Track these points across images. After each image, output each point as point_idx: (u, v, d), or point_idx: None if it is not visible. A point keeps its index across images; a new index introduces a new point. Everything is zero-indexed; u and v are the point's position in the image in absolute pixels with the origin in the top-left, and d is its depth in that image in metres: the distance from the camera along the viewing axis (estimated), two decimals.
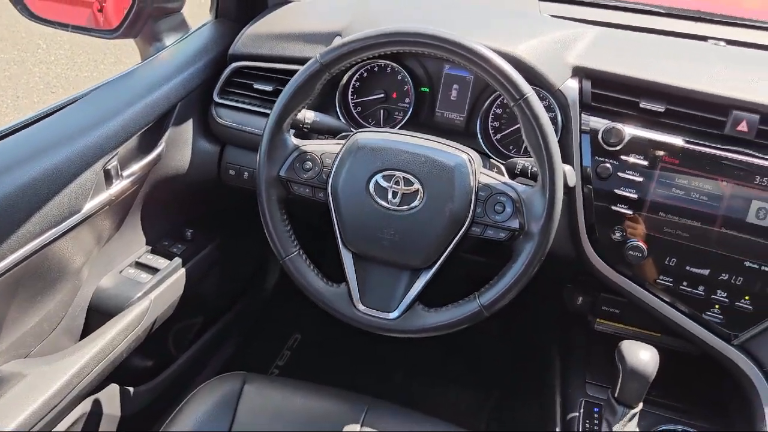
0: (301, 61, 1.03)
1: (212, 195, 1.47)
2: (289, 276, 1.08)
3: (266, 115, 1.04)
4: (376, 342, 1.85)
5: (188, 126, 1.33)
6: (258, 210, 1.07)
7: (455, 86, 1.26)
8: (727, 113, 1.06)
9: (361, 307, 1.04)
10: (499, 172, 1.10)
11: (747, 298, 1.06)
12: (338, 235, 1.04)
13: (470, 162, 0.99)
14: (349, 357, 1.91)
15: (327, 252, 1.08)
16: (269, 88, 1.28)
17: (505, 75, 0.93)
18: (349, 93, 1.31)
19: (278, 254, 1.07)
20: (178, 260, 1.34)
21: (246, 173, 1.36)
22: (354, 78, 1.30)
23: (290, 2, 1.48)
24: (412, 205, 0.99)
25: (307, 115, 1.12)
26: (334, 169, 1.03)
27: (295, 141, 1.06)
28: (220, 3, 1.44)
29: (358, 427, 1.10)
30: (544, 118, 0.93)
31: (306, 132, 1.15)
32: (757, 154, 1.04)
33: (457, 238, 0.99)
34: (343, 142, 1.05)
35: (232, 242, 1.56)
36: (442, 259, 1.01)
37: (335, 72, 1.01)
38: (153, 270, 1.29)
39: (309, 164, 1.05)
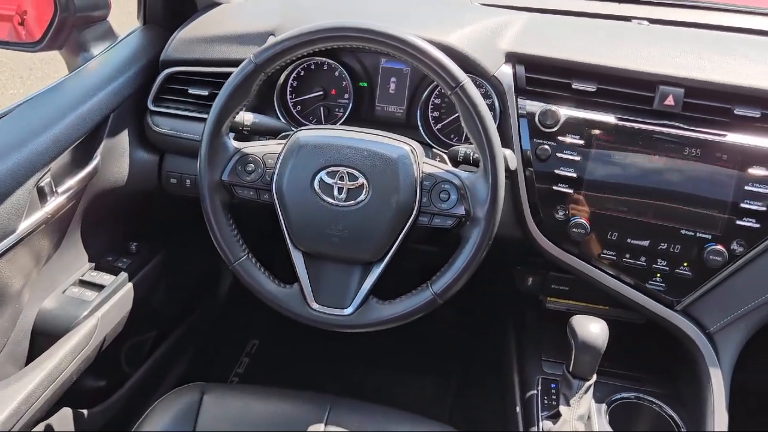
0: (236, 63, 1.02)
1: (155, 205, 1.44)
2: (240, 281, 1.07)
3: (204, 120, 1.02)
4: (334, 340, 1.85)
5: (124, 136, 1.29)
6: (203, 217, 1.05)
7: (393, 79, 1.27)
8: (654, 89, 1.10)
9: (315, 305, 1.04)
10: (442, 161, 1.12)
11: (685, 264, 1.11)
12: (287, 236, 1.04)
13: (412, 153, 1.00)
14: (310, 358, 1.90)
15: (278, 254, 1.07)
16: (205, 93, 1.26)
17: (440, 64, 0.94)
18: (288, 92, 1.30)
19: (227, 260, 1.05)
20: (124, 275, 1.30)
21: (188, 181, 1.33)
22: (291, 77, 1.29)
23: (220, 4, 1.45)
24: (359, 199, 0.99)
25: (246, 117, 1.11)
26: (277, 169, 1.02)
27: (235, 144, 1.05)
28: (148, 8, 1.40)
29: (322, 426, 1.10)
30: (481, 104, 0.95)
31: (246, 134, 1.13)
32: (684, 126, 1.09)
33: (405, 229, 1.00)
34: (284, 142, 1.04)
35: (179, 252, 1.53)
36: (392, 251, 1.01)
37: (271, 72, 1.00)
38: (98, 287, 1.26)
39: (251, 166, 1.04)
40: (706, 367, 1.11)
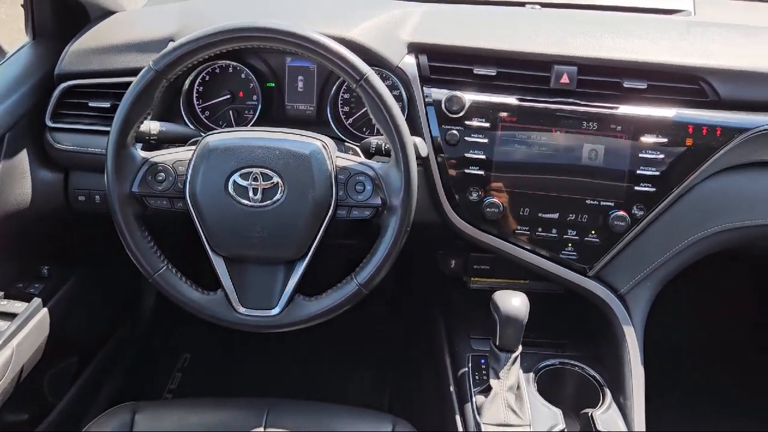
0: (135, 72, 1.00)
1: (64, 225, 1.38)
2: (163, 293, 1.05)
3: (107, 132, 0.99)
4: (268, 342, 1.84)
5: (23, 157, 1.23)
6: (117, 232, 1.02)
7: (300, 77, 1.27)
8: (550, 69, 1.16)
9: (241, 309, 1.03)
10: (355, 154, 1.13)
11: (593, 232, 1.17)
12: (205, 242, 1.03)
13: (325, 148, 1.01)
14: (245, 364, 1.88)
15: (202, 261, 1.05)
16: (106, 105, 1.22)
17: (343, 58, 0.96)
18: (194, 98, 1.27)
19: (146, 272, 1.03)
20: (37, 301, 1.25)
21: (97, 197, 1.28)
22: (196, 82, 1.27)
23: (114, 13, 1.41)
24: (275, 198, 0.99)
25: (152, 126, 1.09)
26: (188, 176, 1.01)
27: (143, 154, 1.03)
28: (36, 22, 1.34)
29: (261, 429, 1.09)
30: (387, 94, 0.97)
31: (154, 143, 1.11)
32: (580, 102, 1.15)
33: (324, 224, 1.01)
34: (194, 148, 1.03)
35: (95, 271, 1.47)
36: (314, 246, 1.02)
37: (173, 77, 0.98)
38: (10, 316, 1.20)
39: (162, 175, 1.02)
40: (620, 327, 1.18)
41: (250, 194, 0.99)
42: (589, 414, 1.09)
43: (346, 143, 1.20)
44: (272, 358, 1.88)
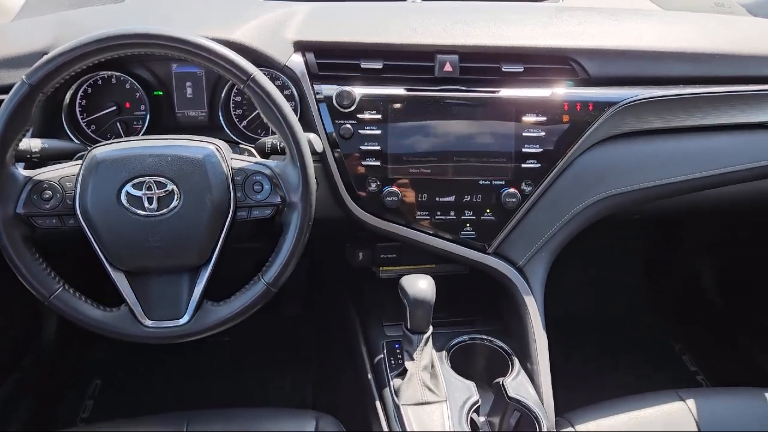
0: (7, 89, 0.95)
1: None
2: (63, 316, 1.01)
3: None
4: (183, 354, 1.80)
5: None
6: (4, 257, 0.98)
7: (188, 83, 1.25)
8: (433, 59, 1.21)
9: (148, 323, 1.01)
10: (251, 155, 1.13)
11: (488, 211, 1.23)
12: (102, 258, 0.99)
13: (218, 151, 1.01)
14: (162, 381, 1.82)
15: (101, 278, 1.02)
16: None
17: (228, 60, 0.96)
18: (77, 112, 1.23)
19: (40, 296, 0.99)
20: None
21: None
22: (78, 95, 1.22)
23: None
24: (172, 206, 0.98)
25: (33, 144, 1.04)
26: (78, 191, 0.97)
27: (25, 173, 0.98)
28: None
29: None
30: (275, 93, 0.98)
31: (37, 161, 1.06)
32: (464, 88, 1.21)
33: (226, 227, 1.01)
34: (81, 162, 0.99)
35: None
36: (217, 251, 1.01)
37: (49, 91, 0.95)
38: None
39: (48, 193, 0.98)
40: (522, 297, 1.25)
41: (145, 204, 0.97)
42: (501, 382, 1.14)
43: (240, 145, 1.20)
44: (190, 371, 1.84)
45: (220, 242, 1.01)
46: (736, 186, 1.35)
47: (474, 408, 1.12)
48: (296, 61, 1.19)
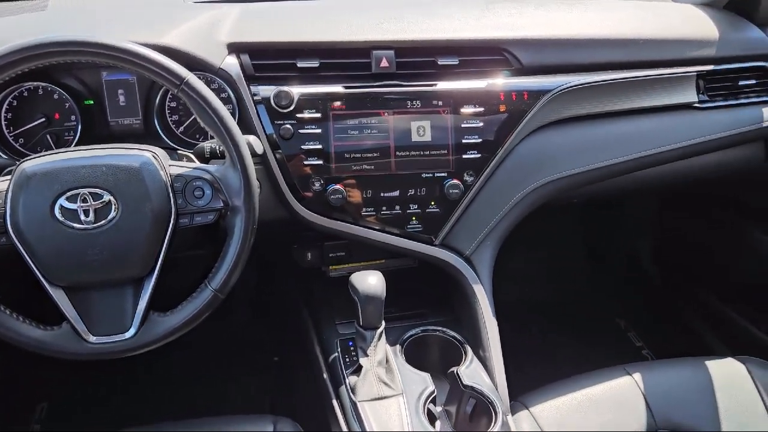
0: None
1: None
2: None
3: None
4: (135, 369, 1.75)
5: None
6: None
7: (120, 91, 1.22)
8: (369, 55, 1.21)
9: (92, 339, 0.98)
10: (190, 161, 1.11)
11: (433, 203, 1.25)
12: (39, 275, 0.96)
13: (155, 158, 0.98)
14: (113, 398, 1.77)
15: (41, 297, 0.98)
16: None
17: (159, 65, 0.94)
18: (3, 125, 1.18)
19: None
20: None
21: None
22: (3, 108, 1.17)
23: None
24: (110, 217, 0.95)
25: None
26: (8, 208, 0.93)
27: None
28: None
29: None
30: (210, 96, 0.96)
31: None
32: (402, 83, 1.22)
33: (168, 235, 0.99)
34: (9, 177, 0.95)
35: None
36: (160, 260, 0.99)
37: None
38: None
39: None
40: (470, 286, 1.27)
41: (81, 217, 0.94)
42: (455, 371, 1.16)
43: (179, 152, 1.18)
44: (142, 386, 1.80)
45: (162, 251, 0.99)
46: (667, 165, 1.40)
47: (430, 399, 1.13)
48: (231, 63, 1.17)
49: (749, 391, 1.23)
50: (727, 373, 1.26)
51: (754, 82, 1.45)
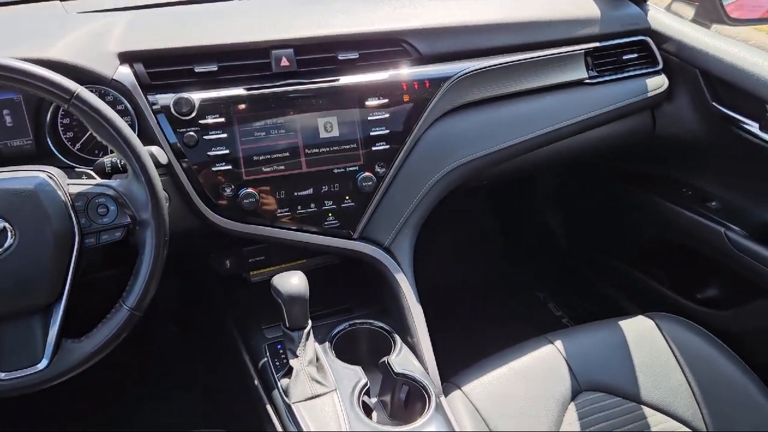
0: None
1: None
2: None
3: None
4: (53, 402, 1.66)
5: None
6: None
7: (6, 111, 1.14)
8: (268, 55, 1.20)
9: (2, 375, 0.92)
10: (91, 178, 1.06)
11: (347, 197, 1.25)
12: None
13: (51, 178, 0.93)
14: (40, 425, 1.68)
15: None
16: None
17: (45, 80, 0.89)
18: None
19: None
20: None
21: None
22: None
23: None
24: (6, 245, 0.89)
25: None
26: None
27: None
28: None
29: None
30: (104, 107, 0.92)
31: None
32: (305, 81, 1.22)
33: (74, 257, 0.94)
34: None
35: None
36: (68, 284, 0.95)
37: None
38: None
39: None
40: (393, 276, 1.29)
41: None
42: (386, 361, 1.18)
43: (77, 170, 1.12)
44: (63, 419, 1.71)
45: (69, 275, 0.94)
46: (566, 140, 1.47)
47: (364, 391, 1.14)
48: (124, 73, 1.13)
49: (660, 345, 1.32)
50: (639, 331, 1.35)
51: (636, 55, 1.54)
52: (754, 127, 1.42)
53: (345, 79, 1.23)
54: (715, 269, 1.64)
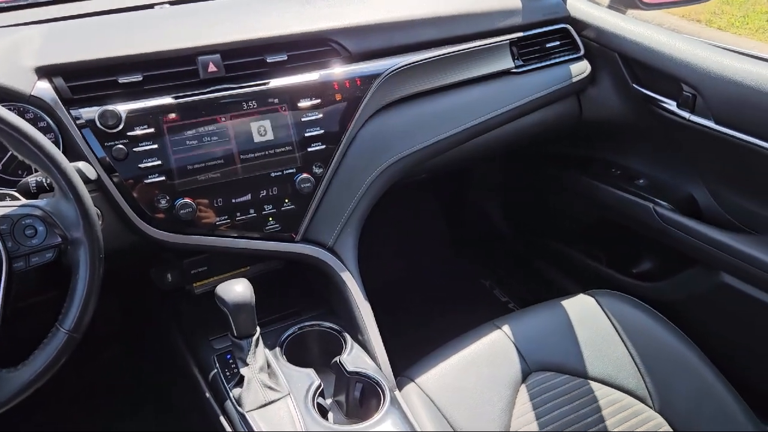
0: None
1: None
2: None
3: None
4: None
5: None
6: None
7: None
8: (195, 62, 1.18)
9: None
10: (15, 199, 1.02)
11: (287, 200, 1.24)
12: None
13: None
14: None
15: None
16: None
17: None
18: None
19: None
20: None
21: None
22: None
23: None
24: None
25: None
26: None
27: None
28: None
29: None
30: (23, 125, 0.89)
31: None
32: (234, 86, 1.20)
33: (2, 283, 0.90)
34: None
35: None
36: (0, 311, 0.91)
37: None
38: None
39: None
40: (338, 275, 1.29)
41: None
42: (338, 360, 1.17)
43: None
44: None
45: (0, 301, 0.90)
46: (497, 129, 1.51)
47: (318, 393, 1.14)
48: (43, 89, 1.09)
49: (602, 321, 1.37)
50: (581, 309, 1.39)
51: (558, 43, 1.59)
52: (672, 105, 1.49)
53: (275, 82, 1.22)
54: (647, 244, 1.71)
